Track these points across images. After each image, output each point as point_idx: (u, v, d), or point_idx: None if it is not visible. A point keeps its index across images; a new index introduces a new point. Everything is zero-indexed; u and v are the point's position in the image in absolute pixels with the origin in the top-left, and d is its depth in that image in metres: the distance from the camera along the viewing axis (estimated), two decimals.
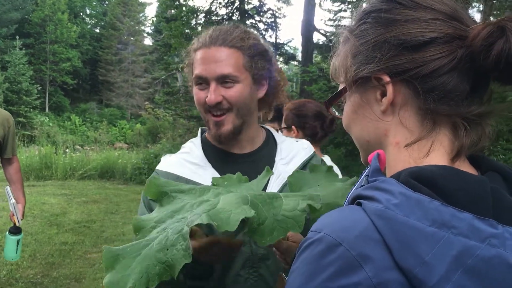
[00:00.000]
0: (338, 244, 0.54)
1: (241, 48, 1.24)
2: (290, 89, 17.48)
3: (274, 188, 1.25)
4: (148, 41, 45.00)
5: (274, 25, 15.61)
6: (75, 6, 42.13)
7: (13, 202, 3.06)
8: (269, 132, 1.42)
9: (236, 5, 14.32)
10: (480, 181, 0.58)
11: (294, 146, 1.37)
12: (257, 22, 15.33)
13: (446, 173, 0.58)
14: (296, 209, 0.82)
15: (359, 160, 0.78)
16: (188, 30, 14.24)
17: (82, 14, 45.11)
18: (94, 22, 46.54)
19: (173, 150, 13.19)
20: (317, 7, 13.94)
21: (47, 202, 8.99)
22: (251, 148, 1.35)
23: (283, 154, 1.34)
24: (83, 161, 13.43)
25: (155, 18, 32.57)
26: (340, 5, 19.64)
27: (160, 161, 1.35)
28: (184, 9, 14.11)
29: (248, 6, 14.56)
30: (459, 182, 0.57)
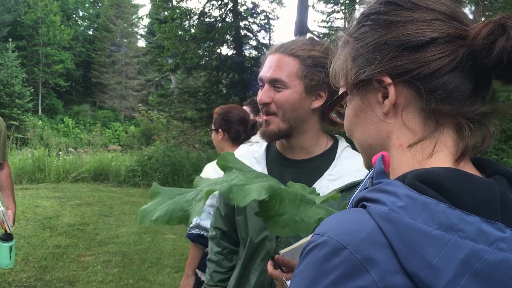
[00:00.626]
0: (343, 247, 0.53)
1: (299, 56, 1.32)
2: None
3: None
4: (141, 43, 44.94)
5: (267, 26, 15.61)
6: (68, 8, 41.97)
7: (2, 209, 3.03)
8: (336, 144, 1.44)
9: (229, 6, 14.31)
10: (488, 184, 0.57)
11: (350, 165, 1.36)
12: (250, 23, 15.33)
13: (454, 175, 0.57)
14: (313, 217, 0.88)
15: None
16: (181, 32, 14.22)
17: (74, 16, 44.95)
18: (87, 24, 46.39)
19: (166, 152, 13.19)
20: (310, 9, 13.98)
21: (40, 205, 8.93)
22: (305, 156, 1.41)
23: (335, 171, 1.37)
24: (77, 163, 13.36)
25: (149, 20, 32.55)
26: (333, 6, 19.72)
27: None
28: (177, 11, 14.09)
29: (241, 8, 14.55)
30: (467, 185, 0.56)
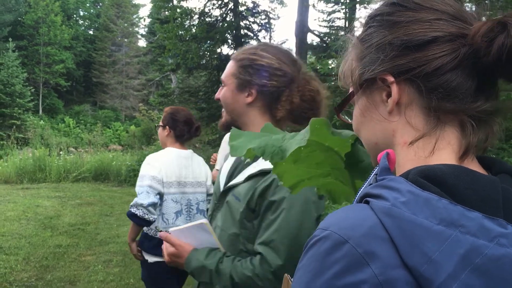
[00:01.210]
0: (345, 241, 0.54)
1: (236, 59, 1.54)
2: None
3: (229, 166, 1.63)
4: (142, 42, 44.97)
5: (268, 26, 15.62)
6: (69, 8, 41.99)
7: None
8: None
9: (230, 6, 14.31)
10: (491, 181, 0.58)
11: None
12: (251, 23, 15.33)
13: (456, 172, 0.58)
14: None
15: None
16: (182, 32, 14.21)
17: (75, 16, 44.97)
18: (87, 24, 46.41)
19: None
20: (311, 8, 13.98)
21: (41, 204, 8.95)
22: None
23: (257, 161, 1.51)
24: (77, 163, 13.38)
25: (149, 20, 32.51)
26: (333, 6, 19.73)
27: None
28: (178, 10, 14.08)
29: (241, 8, 14.55)
30: (469, 182, 0.57)
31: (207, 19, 14.48)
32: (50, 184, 11.99)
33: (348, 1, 14.26)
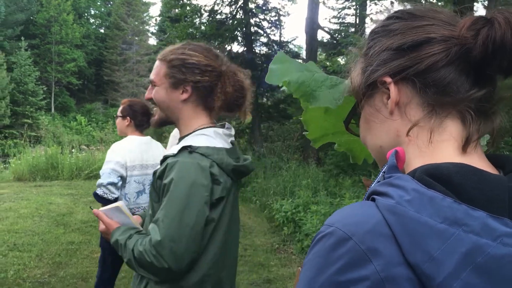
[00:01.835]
0: (348, 238, 0.55)
1: (165, 60, 1.63)
2: None
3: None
4: (152, 40, 45.12)
5: (278, 23, 15.58)
6: (80, 7, 42.27)
7: None
8: (199, 130, 1.69)
9: (239, 3, 14.29)
10: (497, 180, 0.58)
11: (180, 144, 1.66)
12: (261, 20, 15.30)
13: (463, 170, 0.58)
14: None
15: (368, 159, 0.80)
16: (192, 30, 14.23)
17: (86, 14, 45.27)
18: (98, 22, 46.70)
19: None
20: (321, 5, 13.91)
21: (54, 202, 9.05)
22: (181, 135, 1.73)
23: (171, 149, 1.66)
24: (89, 161, 13.47)
25: (159, 18, 32.55)
26: (344, 2, 19.59)
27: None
28: (188, 8, 14.10)
29: (251, 5, 14.53)
30: (477, 181, 0.57)
31: (217, 17, 14.48)
32: (62, 181, 12.10)
33: None
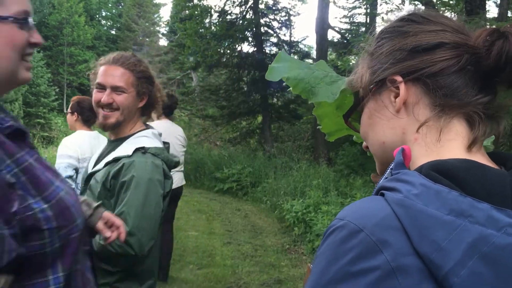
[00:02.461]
0: (360, 230, 0.58)
1: (132, 70, 1.83)
2: None
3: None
4: (163, 41, 45.33)
5: (288, 23, 15.56)
6: (91, 9, 42.70)
7: None
8: (143, 130, 1.94)
9: (249, 4, 14.31)
10: (500, 174, 0.61)
11: (122, 148, 1.85)
12: (271, 20, 15.30)
13: (467, 165, 0.61)
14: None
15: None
16: (202, 30, 14.28)
17: (98, 16, 45.70)
18: (110, 24, 47.12)
19: (188, 149, 13.28)
20: (331, 4, 13.88)
21: None
22: (115, 137, 1.94)
23: (117, 150, 1.86)
24: None
25: (170, 20, 32.80)
26: (354, 2, 19.55)
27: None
28: (198, 8, 14.15)
29: (261, 5, 14.53)
30: (480, 175, 0.60)
31: (227, 17, 14.51)
32: None
33: None
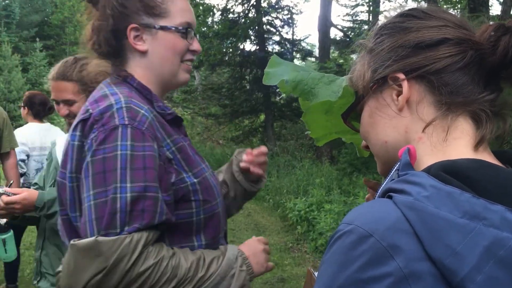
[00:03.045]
0: (369, 235, 0.54)
1: (77, 81, 2.12)
2: None
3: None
4: None
5: (290, 21, 15.53)
6: None
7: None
8: None
9: (252, 2, 14.28)
10: (510, 173, 0.59)
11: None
12: (273, 19, 15.26)
13: (478, 165, 0.59)
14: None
15: None
16: (204, 29, 14.27)
17: None
18: None
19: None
20: (333, 2, 13.86)
21: None
22: None
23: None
24: None
25: None
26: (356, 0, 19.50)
27: None
28: (200, 8, 14.14)
29: (264, 4, 14.50)
30: (491, 175, 0.58)
31: (229, 16, 14.50)
32: None
33: None
